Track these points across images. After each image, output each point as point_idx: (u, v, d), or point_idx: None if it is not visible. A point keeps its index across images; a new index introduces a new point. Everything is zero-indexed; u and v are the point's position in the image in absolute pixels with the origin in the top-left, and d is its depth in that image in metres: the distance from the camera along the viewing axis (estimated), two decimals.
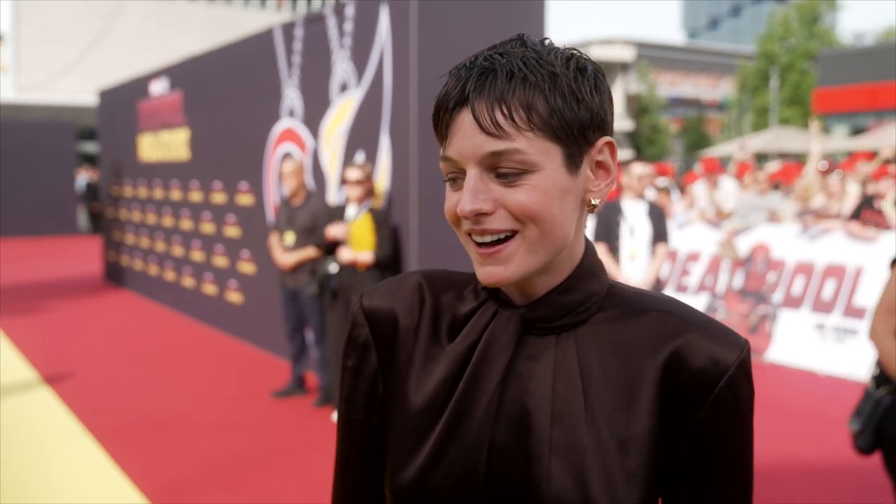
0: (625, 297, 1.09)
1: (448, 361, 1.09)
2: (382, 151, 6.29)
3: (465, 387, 1.06)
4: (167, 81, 10.75)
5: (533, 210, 0.98)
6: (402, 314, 1.14)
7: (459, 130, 0.99)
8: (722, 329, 1.04)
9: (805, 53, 39.24)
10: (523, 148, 0.97)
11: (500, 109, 0.97)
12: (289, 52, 7.58)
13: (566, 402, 1.03)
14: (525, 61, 0.99)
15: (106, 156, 13.99)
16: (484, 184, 0.99)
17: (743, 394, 1.03)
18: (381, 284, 1.19)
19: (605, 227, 6.33)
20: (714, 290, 8.89)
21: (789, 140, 26.88)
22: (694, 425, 1.02)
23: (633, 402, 1.03)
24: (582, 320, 1.06)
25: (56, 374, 7.38)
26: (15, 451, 5.46)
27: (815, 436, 5.81)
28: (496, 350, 1.06)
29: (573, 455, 1.01)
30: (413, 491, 1.06)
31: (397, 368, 1.14)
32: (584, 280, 1.07)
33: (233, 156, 8.83)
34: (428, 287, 1.16)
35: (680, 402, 1.02)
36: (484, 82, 0.98)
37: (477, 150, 0.98)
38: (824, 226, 8.22)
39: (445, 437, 1.05)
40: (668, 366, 1.02)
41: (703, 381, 1.01)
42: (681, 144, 49.93)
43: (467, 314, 1.11)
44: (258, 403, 6.50)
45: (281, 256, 6.51)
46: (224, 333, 9.18)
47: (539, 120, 0.97)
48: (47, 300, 11.60)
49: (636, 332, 1.05)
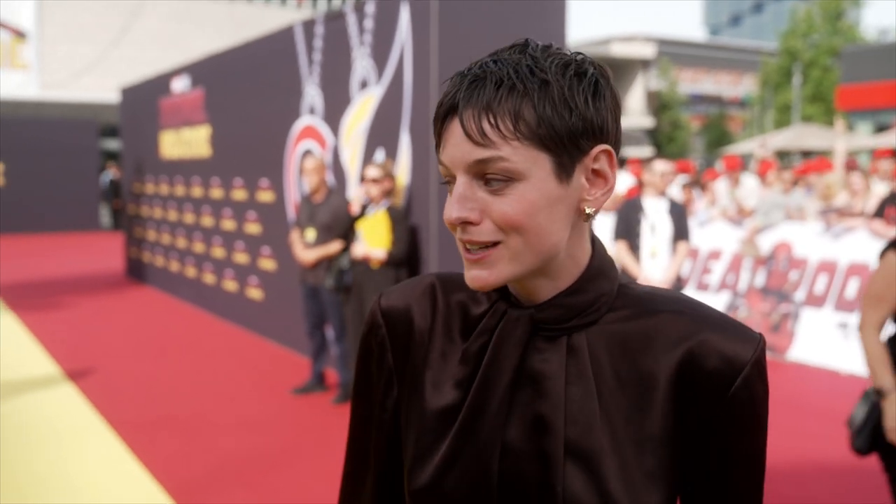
0: (636, 296, 1.09)
1: (462, 363, 1.10)
2: (402, 149, 6.29)
3: (478, 388, 1.06)
4: (188, 79, 10.80)
5: (516, 220, 0.98)
6: (418, 315, 1.15)
7: (451, 138, 1.00)
8: (736, 326, 1.04)
9: (828, 50, 38.87)
10: (508, 156, 0.97)
11: (487, 118, 0.97)
12: (309, 50, 7.59)
13: (580, 404, 1.03)
14: (517, 69, 0.98)
15: (128, 153, 14.08)
16: (472, 191, 1.00)
17: (758, 392, 1.03)
18: (399, 285, 1.19)
19: (626, 225, 6.30)
20: (735, 288, 8.83)
21: (812, 137, 26.65)
22: (710, 425, 1.02)
23: (648, 402, 1.03)
24: (592, 321, 1.06)
25: (78, 370, 7.44)
26: (37, 447, 5.51)
27: (838, 435, 5.74)
28: (506, 351, 1.06)
29: (589, 457, 1.01)
30: (429, 492, 1.06)
31: (413, 369, 1.14)
32: (593, 281, 1.07)
33: (253, 153, 8.86)
34: (441, 288, 1.16)
35: (695, 403, 1.02)
36: (473, 90, 0.98)
37: (464, 157, 0.99)
38: (847, 224, 8.14)
39: (460, 439, 1.05)
40: (682, 366, 1.02)
41: (718, 381, 1.01)
42: (702, 142, 49.64)
43: (479, 315, 1.12)
44: (278, 400, 6.52)
45: (302, 253, 6.53)
46: (244, 330, 9.22)
47: (526, 128, 0.97)
48: (70, 296, 11.69)
49: (649, 331, 1.05)
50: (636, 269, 6.17)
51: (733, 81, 55.99)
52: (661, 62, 48.65)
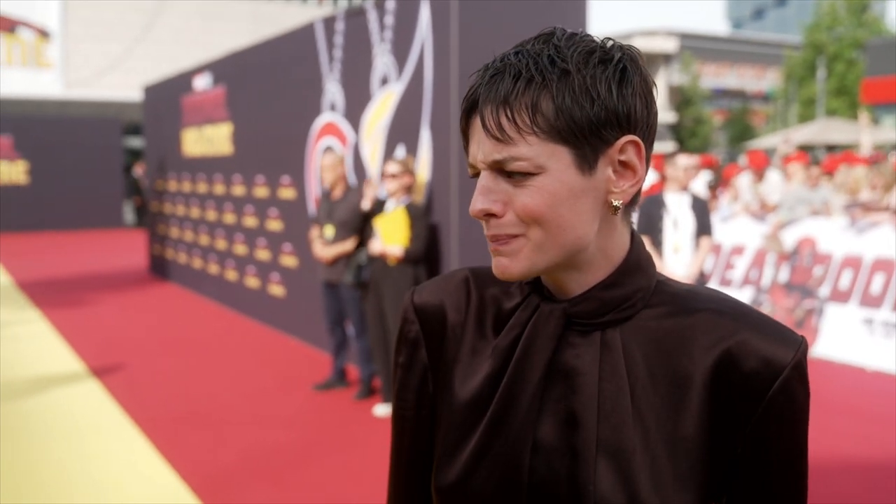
0: (674, 293, 1.06)
1: (493, 357, 1.08)
2: (423, 145, 6.29)
3: (509, 383, 1.04)
4: (210, 76, 10.85)
5: (537, 212, 0.97)
6: (451, 310, 1.14)
7: (474, 134, 1.01)
8: (777, 328, 1.00)
9: (853, 43, 38.47)
10: (525, 153, 0.96)
11: (505, 113, 0.96)
12: (330, 47, 7.60)
13: (613, 401, 1.00)
14: (537, 60, 0.96)
15: (151, 150, 14.17)
16: (495, 183, 0.99)
17: (798, 397, 0.99)
18: (432, 280, 1.18)
19: (648, 220, 6.26)
20: (759, 283, 8.76)
21: (836, 132, 26.39)
22: (746, 430, 0.99)
23: (682, 403, 1.00)
24: (627, 316, 1.03)
25: (103, 367, 7.50)
26: (62, 443, 5.55)
27: (864, 433, 5.70)
28: (538, 345, 1.04)
29: (621, 455, 0.99)
30: (457, 489, 1.05)
31: (446, 364, 1.13)
32: (629, 275, 1.04)
33: (275, 150, 8.89)
34: (474, 282, 1.15)
35: (731, 406, 0.99)
36: (492, 85, 0.97)
37: (486, 155, 0.99)
38: (873, 219, 8.05)
39: (490, 434, 1.04)
40: (718, 367, 0.99)
41: (756, 385, 0.98)
42: (724, 136, 49.30)
43: (511, 309, 1.10)
44: (300, 396, 6.54)
45: (321, 250, 6.54)
46: (266, 326, 9.26)
47: (543, 121, 0.95)
48: (94, 293, 11.79)
49: (685, 330, 1.02)
50: (659, 264, 6.14)
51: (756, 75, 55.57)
52: (684, 56, 48.35)
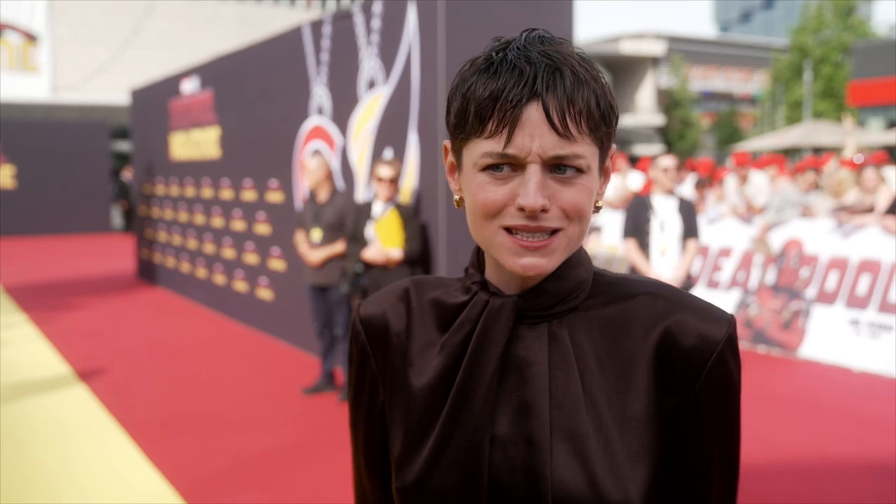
0: (610, 283, 1.11)
1: (443, 354, 1.10)
2: (410, 148, 6.29)
3: (463, 378, 1.07)
4: (198, 80, 10.83)
5: (582, 209, 1.01)
6: (392, 318, 1.17)
7: (527, 127, 0.97)
8: (708, 307, 1.07)
9: (839, 46, 38.68)
10: (583, 152, 1.00)
11: (569, 110, 0.98)
12: (317, 50, 7.60)
13: (564, 389, 1.04)
14: (581, 60, 1.01)
15: (139, 154, 14.13)
16: (545, 180, 1.00)
17: (732, 367, 1.06)
18: (376, 293, 1.22)
19: (635, 223, 6.28)
20: (746, 285, 8.80)
21: (823, 134, 26.51)
22: (689, 401, 1.04)
23: (629, 383, 1.04)
24: (572, 307, 1.08)
25: (89, 371, 7.47)
26: (49, 447, 5.53)
27: (850, 433, 5.73)
28: (491, 339, 1.06)
29: (576, 439, 1.02)
30: (417, 487, 1.07)
31: (394, 370, 1.15)
32: (573, 268, 1.09)
33: (263, 153, 8.88)
34: (415, 290, 1.18)
35: (674, 380, 1.04)
36: (553, 80, 0.97)
37: (545, 149, 0.98)
38: (859, 221, 8.09)
39: (448, 429, 1.06)
40: (660, 346, 1.05)
41: (695, 359, 1.03)
42: (712, 139, 49.45)
43: (457, 306, 1.12)
44: (289, 400, 6.53)
45: (308, 253, 6.53)
46: (255, 330, 9.24)
47: (593, 124, 1.00)
48: (81, 297, 11.74)
49: (626, 315, 1.07)
50: (646, 266, 6.15)
51: (744, 78, 55.76)
52: (672, 59, 48.50)
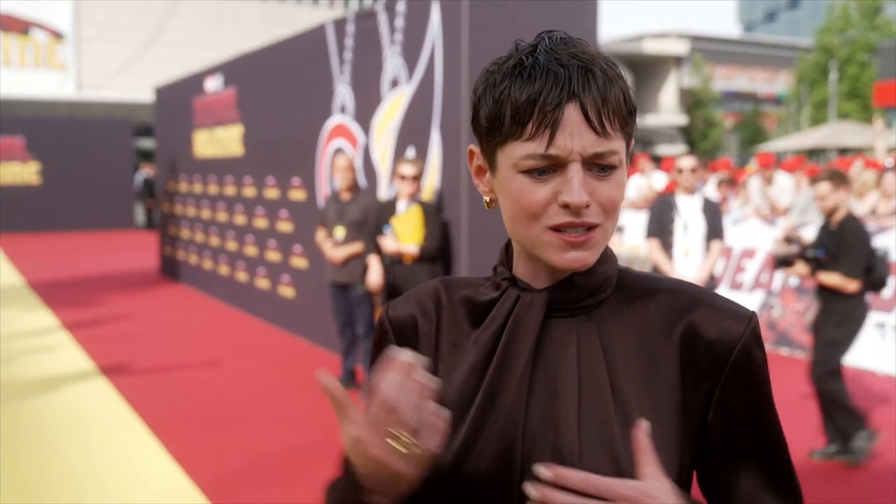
0: (635, 280, 1.15)
1: (475, 348, 1.13)
2: (433, 147, 6.29)
3: (495, 370, 1.09)
4: (221, 78, 10.89)
5: (617, 203, 1.06)
6: (421, 318, 1.19)
7: (567, 127, 1.01)
8: (730, 303, 1.11)
9: (865, 46, 38.33)
10: (617, 148, 1.04)
11: (604, 108, 1.02)
12: (340, 49, 7.62)
13: (592, 380, 1.07)
14: (606, 60, 1.04)
15: (162, 152, 14.22)
16: (585, 177, 1.03)
17: (758, 357, 1.09)
18: (405, 294, 1.24)
19: (659, 223, 6.24)
20: (770, 287, 8.73)
21: (848, 135, 26.31)
22: (715, 394, 1.07)
23: (655, 377, 1.08)
24: (600, 301, 1.11)
25: (113, 367, 7.53)
26: (72, 442, 5.58)
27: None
28: (522, 332, 1.09)
29: (603, 429, 1.04)
30: (450, 474, 1.08)
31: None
32: (600, 263, 1.12)
33: (285, 151, 8.91)
34: (444, 289, 1.20)
35: (699, 373, 1.07)
36: (587, 80, 1.01)
37: (586, 148, 1.02)
38: (882, 223, 8.00)
39: (480, 419, 1.08)
40: (684, 339, 1.08)
41: (720, 351, 1.07)
42: (736, 139, 49.16)
43: (489, 302, 1.15)
44: (310, 397, 6.55)
45: (331, 251, 6.55)
46: (277, 327, 9.27)
47: (622, 121, 1.04)
48: (104, 294, 11.84)
49: (650, 311, 1.11)
50: (669, 267, 6.11)
51: (768, 78, 55.40)
52: (695, 59, 48.25)
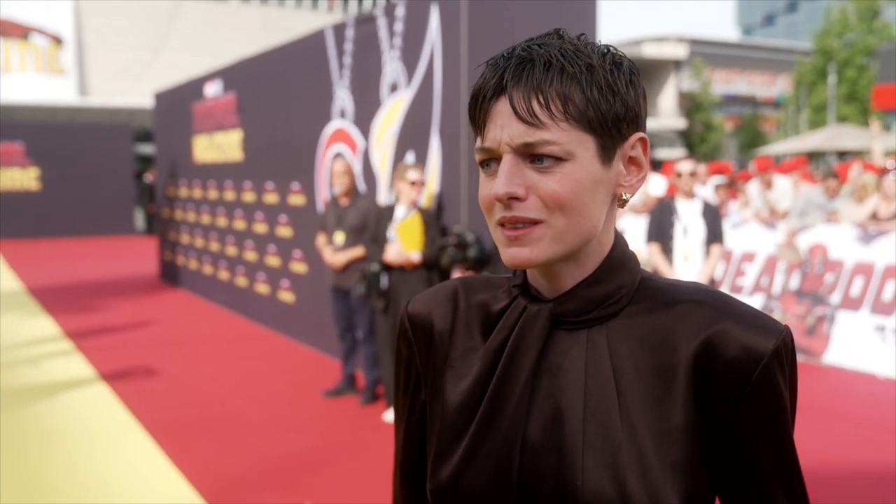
0: (657, 288, 1.08)
1: (482, 359, 1.10)
2: (432, 152, 6.29)
3: (497, 384, 1.07)
4: (221, 83, 10.89)
5: (564, 199, 0.99)
6: (437, 318, 1.17)
7: (497, 119, 1.00)
8: (757, 317, 1.02)
9: (863, 49, 38.37)
10: (557, 138, 0.98)
11: (537, 98, 0.98)
12: (340, 53, 7.62)
13: (599, 397, 1.02)
14: (563, 52, 1.00)
15: (162, 157, 14.23)
16: (519, 169, 1.00)
17: (779, 384, 1.00)
18: (426, 291, 1.22)
19: (659, 227, 6.25)
20: (770, 291, 8.73)
21: (847, 138, 26.30)
22: (731, 417, 1.00)
23: (668, 395, 1.01)
24: (612, 313, 1.06)
25: (113, 372, 7.52)
26: (72, 448, 5.57)
27: (875, 441, 5.67)
28: (525, 346, 1.06)
29: (608, 450, 1.00)
30: (449, 489, 1.07)
31: (436, 370, 1.15)
32: (612, 272, 1.06)
33: (285, 156, 8.91)
34: (463, 291, 1.17)
35: (714, 395, 1.00)
36: (521, 72, 0.99)
37: (513, 138, 0.99)
38: (883, 227, 8.01)
39: (479, 435, 1.06)
40: (700, 357, 1.00)
41: (738, 372, 0.99)
42: (735, 143, 49.18)
43: (499, 312, 1.12)
44: (310, 402, 6.55)
45: (331, 256, 6.55)
46: (277, 332, 9.27)
47: (575, 110, 0.98)
48: (105, 299, 11.83)
49: (668, 323, 1.04)
50: (669, 271, 6.12)
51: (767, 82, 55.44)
52: (694, 62, 48.28)
